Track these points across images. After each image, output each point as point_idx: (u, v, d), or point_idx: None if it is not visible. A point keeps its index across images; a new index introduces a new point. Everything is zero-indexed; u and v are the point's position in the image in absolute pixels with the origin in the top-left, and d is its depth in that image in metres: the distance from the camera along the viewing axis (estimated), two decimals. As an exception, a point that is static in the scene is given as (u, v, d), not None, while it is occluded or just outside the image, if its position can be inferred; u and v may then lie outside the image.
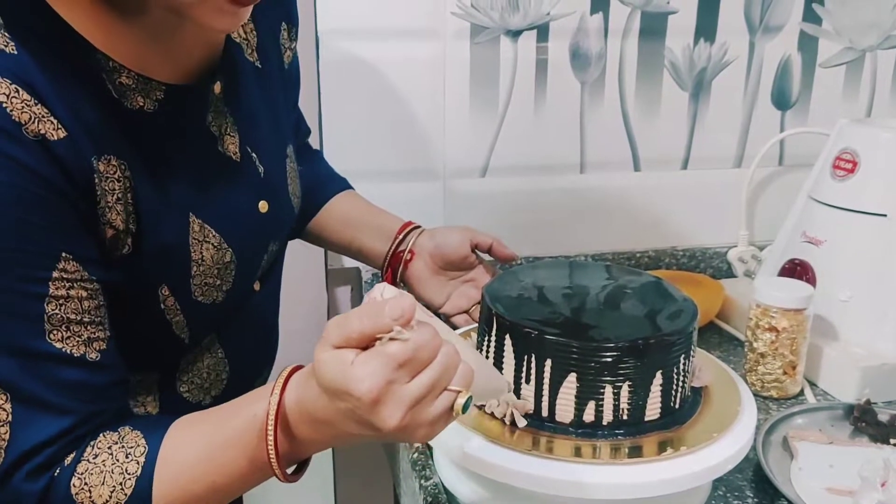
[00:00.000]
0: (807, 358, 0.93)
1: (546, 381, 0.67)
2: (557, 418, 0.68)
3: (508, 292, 0.75)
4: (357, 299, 1.20)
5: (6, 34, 0.54)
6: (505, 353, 0.70)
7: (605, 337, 0.66)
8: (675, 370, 0.68)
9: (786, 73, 1.24)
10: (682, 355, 0.68)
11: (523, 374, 0.68)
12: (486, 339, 0.72)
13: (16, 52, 0.54)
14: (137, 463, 0.58)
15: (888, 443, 0.82)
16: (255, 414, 0.57)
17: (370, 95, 1.11)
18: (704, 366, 0.76)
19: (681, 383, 0.69)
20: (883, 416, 0.84)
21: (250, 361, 0.81)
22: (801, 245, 1.02)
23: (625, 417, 0.67)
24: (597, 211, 1.23)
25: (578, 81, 1.17)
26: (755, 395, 0.92)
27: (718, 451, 0.66)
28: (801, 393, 0.94)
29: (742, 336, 1.02)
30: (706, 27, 1.19)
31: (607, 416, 0.67)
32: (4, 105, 0.52)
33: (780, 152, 1.28)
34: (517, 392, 0.69)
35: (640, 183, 1.24)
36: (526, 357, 0.68)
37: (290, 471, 0.60)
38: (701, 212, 1.27)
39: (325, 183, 1.01)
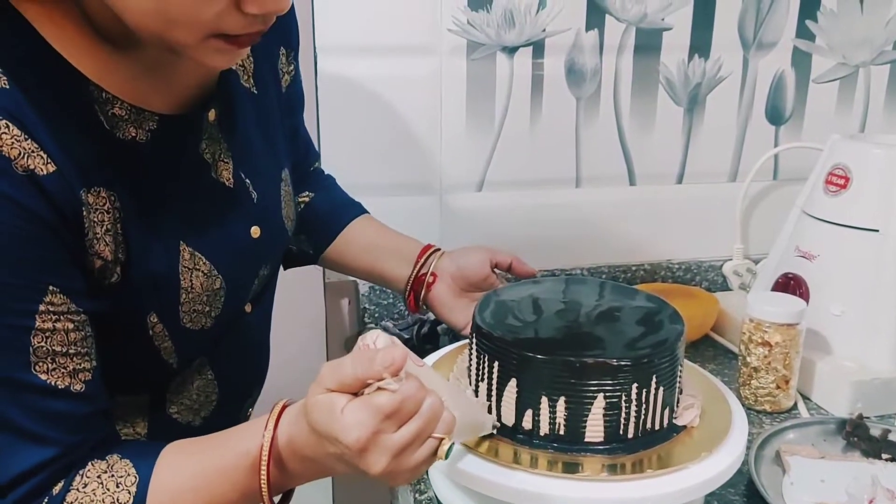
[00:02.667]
0: (800, 372, 0.94)
1: (494, 382, 0.70)
2: (503, 420, 0.70)
3: (499, 301, 0.77)
4: (355, 312, 1.21)
5: None
6: (472, 353, 0.74)
7: (551, 350, 0.68)
8: (625, 397, 0.67)
9: (779, 88, 1.25)
10: (635, 384, 0.67)
11: (475, 372, 0.73)
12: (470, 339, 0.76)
13: (7, 87, 0.54)
14: (129, 493, 0.59)
15: (880, 458, 0.83)
16: (248, 450, 0.59)
17: (368, 111, 1.12)
18: (697, 403, 0.73)
19: (635, 413, 0.67)
20: (875, 431, 0.85)
21: (240, 382, 0.81)
22: (794, 259, 1.03)
23: (561, 432, 0.68)
24: (592, 225, 1.24)
25: (574, 97, 1.18)
26: (748, 409, 0.93)
27: (692, 475, 0.66)
28: (795, 407, 0.95)
29: (737, 349, 1.03)
30: (700, 43, 1.20)
31: (544, 428, 0.68)
32: None
33: (774, 167, 1.29)
34: (476, 391, 0.72)
35: (635, 197, 1.25)
36: (480, 357, 0.72)
37: (277, 500, 0.62)
38: (696, 226, 1.28)
39: (340, 209, 1.01)
